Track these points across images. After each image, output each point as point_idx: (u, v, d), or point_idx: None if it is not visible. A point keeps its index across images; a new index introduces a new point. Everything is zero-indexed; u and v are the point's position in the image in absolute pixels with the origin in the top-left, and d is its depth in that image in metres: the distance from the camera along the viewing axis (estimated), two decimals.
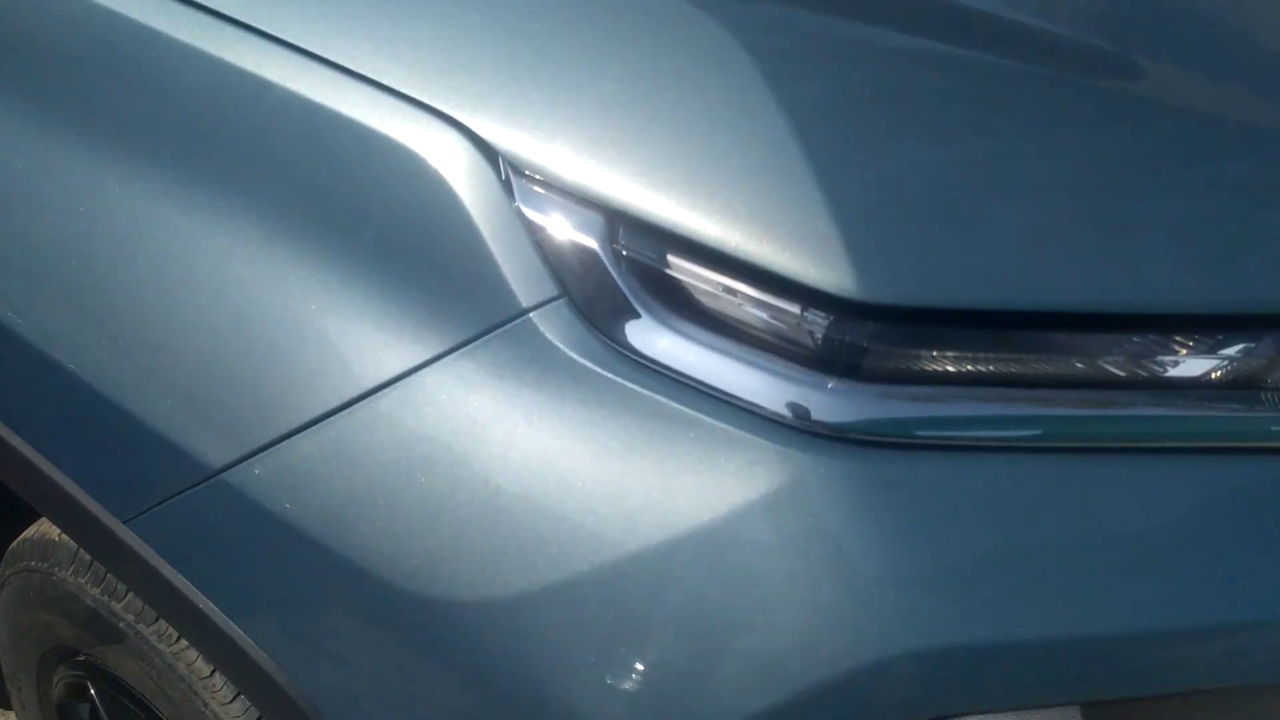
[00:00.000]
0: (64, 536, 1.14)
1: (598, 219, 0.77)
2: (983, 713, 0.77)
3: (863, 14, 0.89)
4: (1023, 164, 0.81)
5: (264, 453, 0.80)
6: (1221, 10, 1.07)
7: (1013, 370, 0.77)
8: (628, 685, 0.73)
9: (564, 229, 0.77)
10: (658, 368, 0.75)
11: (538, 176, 0.77)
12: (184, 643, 1.03)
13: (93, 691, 1.21)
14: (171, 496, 0.84)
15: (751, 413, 0.74)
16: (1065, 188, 0.80)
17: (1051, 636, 0.73)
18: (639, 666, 0.74)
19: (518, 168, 0.77)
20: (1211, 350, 0.79)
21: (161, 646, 1.05)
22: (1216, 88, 0.94)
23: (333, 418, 0.78)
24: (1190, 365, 0.79)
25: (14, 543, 1.23)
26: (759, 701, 0.72)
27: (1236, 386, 0.80)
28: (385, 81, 0.80)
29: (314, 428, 0.79)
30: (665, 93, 0.78)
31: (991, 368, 0.76)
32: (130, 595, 1.07)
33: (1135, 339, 0.78)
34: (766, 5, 0.88)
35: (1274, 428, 0.81)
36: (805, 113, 0.78)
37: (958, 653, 0.72)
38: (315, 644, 0.84)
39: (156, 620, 1.05)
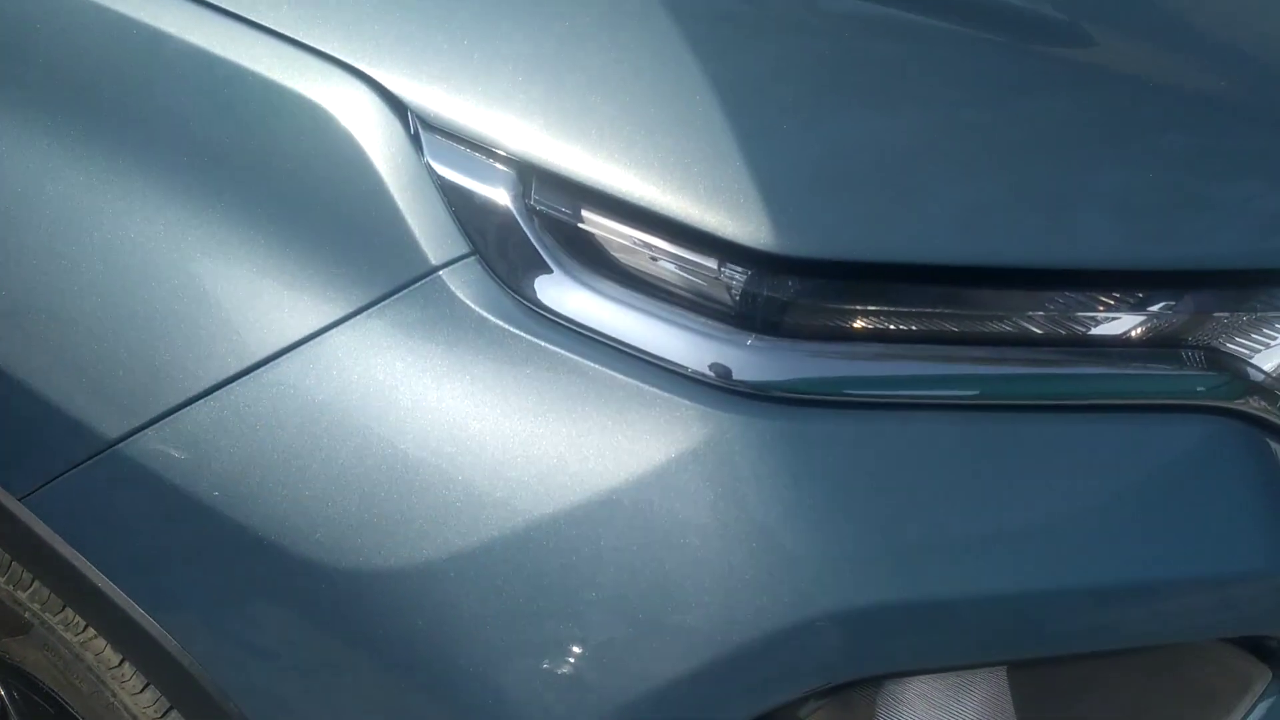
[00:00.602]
0: None
1: (509, 174, 0.74)
2: (909, 674, 0.75)
3: None
4: (958, 124, 0.79)
5: (162, 422, 0.77)
6: None
7: (936, 327, 0.75)
8: (542, 654, 0.71)
9: (475, 184, 0.75)
10: (572, 326, 0.73)
11: (447, 131, 0.75)
12: (91, 632, 0.99)
13: (0, 690, 1.16)
14: (66, 471, 0.80)
15: (669, 371, 0.72)
16: (999, 149, 0.78)
17: (974, 595, 0.72)
18: (553, 634, 0.71)
19: (427, 122, 0.75)
20: (1134, 308, 0.78)
21: (68, 636, 1.00)
22: (1163, 57, 0.94)
23: (234, 384, 0.75)
24: (1113, 323, 0.78)
25: None
26: (677, 666, 0.70)
27: (1159, 345, 0.79)
28: (288, 33, 0.77)
29: (214, 395, 0.75)
30: (581, 46, 0.76)
31: (914, 325, 0.75)
32: (36, 584, 1.02)
33: (1060, 296, 0.77)
34: None
35: (1198, 387, 0.80)
36: (727, 69, 0.76)
37: (880, 612, 0.71)
38: (221, 624, 0.80)
39: (63, 609, 1.01)
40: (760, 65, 0.78)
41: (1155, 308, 0.78)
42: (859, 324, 0.74)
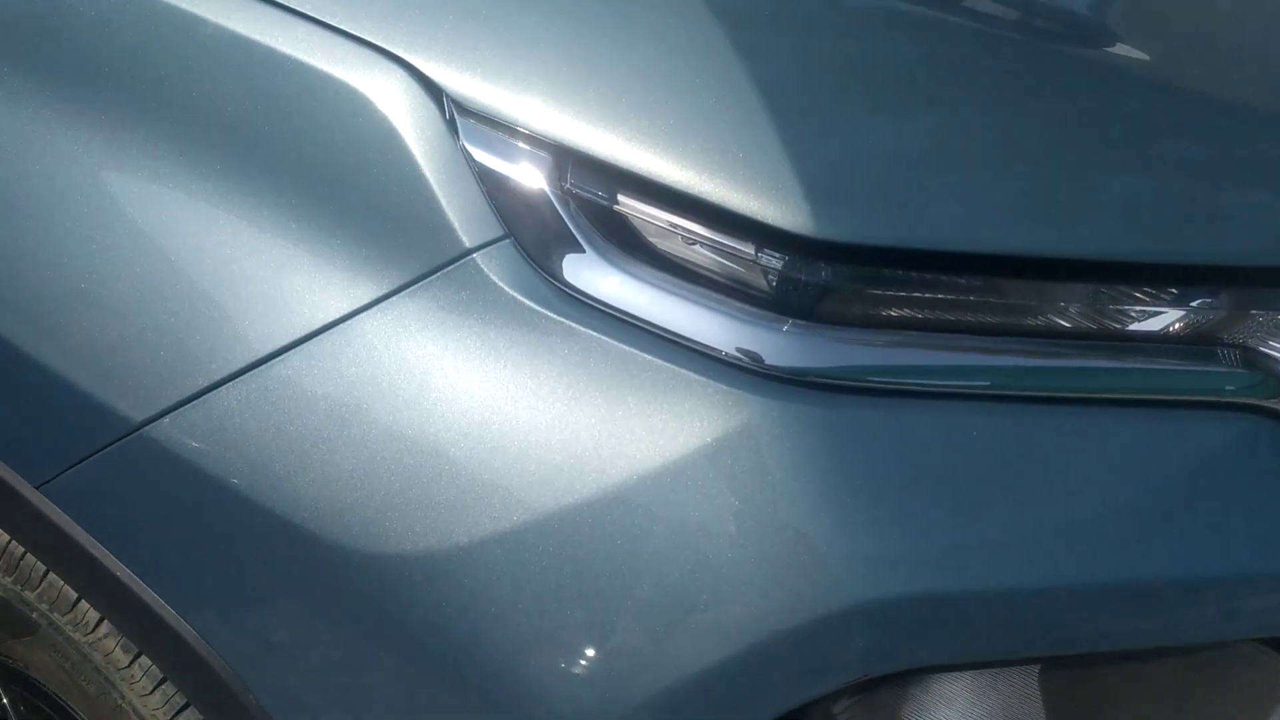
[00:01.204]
0: None
1: (545, 157, 0.74)
2: (942, 669, 0.74)
3: None
4: (989, 118, 0.80)
5: (189, 405, 0.76)
6: None
7: (972, 318, 0.75)
8: (574, 639, 0.70)
9: (510, 168, 0.74)
10: (606, 309, 0.72)
11: (483, 115, 0.75)
12: (100, 631, 0.97)
13: (1, 694, 1.14)
14: (88, 456, 0.79)
15: (704, 355, 0.72)
16: (1037, 140, 0.79)
17: (1006, 588, 0.71)
18: (585, 622, 0.70)
19: (462, 106, 0.75)
20: (1170, 303, 0.78)
21: (77, 636, 0.98)
22: (1194, 53, 0.95)
23: (264, 366, 0.74)
24: (1149, 318, 0.78)
25: None
26: (710, 655, 0.69)
27: (1195, 341, 0.79)
28: (325, 19, 0.77)
29: (244, 377, 0.75)
30: (617, 33, 0.76)
31: (951, 314, 0.75)
32: (44, 584, 1.00)
33: (1095, 289, 0.77)
34: None
35: (1229, 385, 0.80)
36: (763, 58, 0.76)
37: (914, 604, 0.70)
38: (243, 613, 0.79)
39: (72, 609, 0.99)
40: (796, 56, 0.79)
41: (1192, 304, 0.78)
42: (895, 311, 0.74)
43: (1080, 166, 0.79)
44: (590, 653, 0.70)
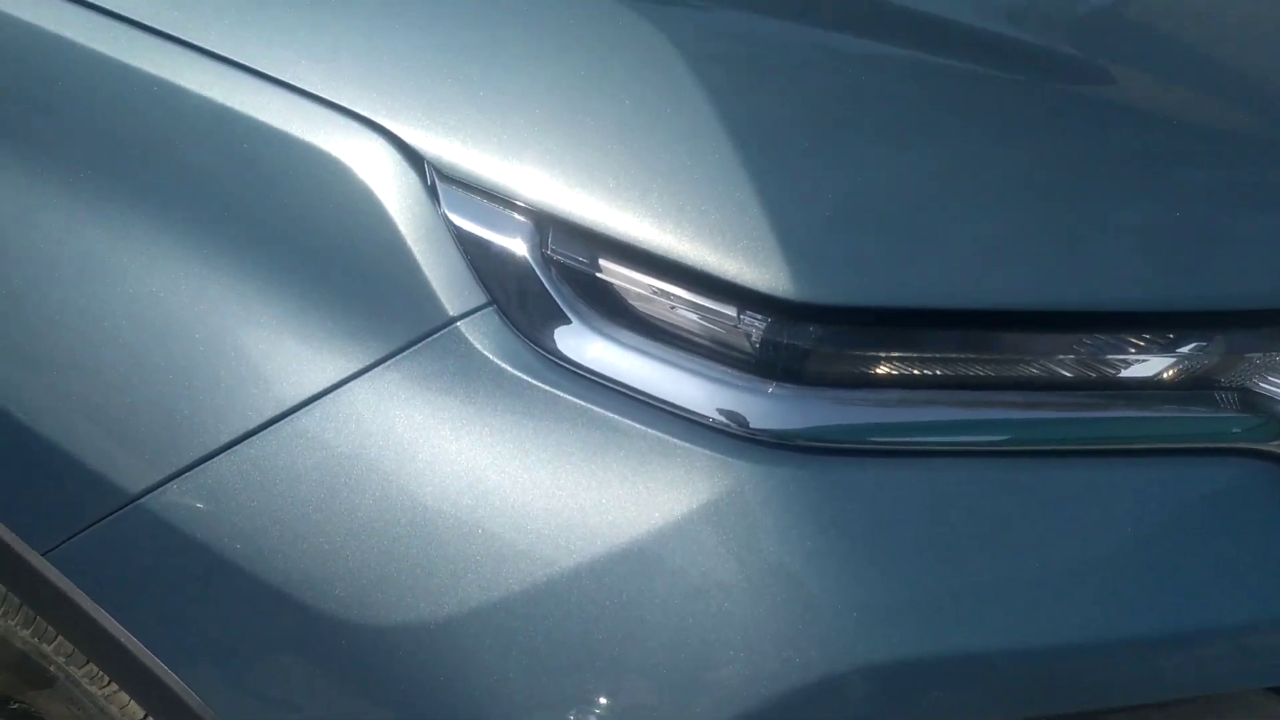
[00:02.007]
0: None
1: (526, 224, 0.74)
2: None
3: (819, 20, 0.88)
4: (978, 165, 0.78)
5: (183, 476, 0.76)
6: (1185, 19, 1.06)
7: (961, 372, 0.74)
8: (565, 710, 0.70)
9: (491, 234, 0.74)
10: (590, 375, 0.72)
11: (464, 181, 0.75)
12: (114, 686, 0.98)
13: None
14: (89, 525, 0.80)
15: (689, 420, 0.71)
16: (1021, 189, 0.77)
17: (1005, 648, 0.70)
18: (576, 690, 0.70)
19: (443, 173, 0.75)
20: (1164, 349, 0.77)
21: (93, 689, 1.00)
22: (1181, 93, 0.93)
23: (255, 437, 0.75)
24: (1143, 365, 0.77)
25: None
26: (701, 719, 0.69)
27: (1192, 386, 0.78)
28: (305, 87, 0.77)
29: (235, 448, 0.75)
30: (596, 96, 0.76)
31: (939, 370, 0.74)
32: (59, 639, 1.02)
33: (1088, 339, 0.75)
34: (713, 10, 0.86)
35: (1233, 429, 0.78)
36: (743, 115, 0.76)
37: (908, 667, 0.69)
38: (243, 678, 0.80)
39: (87, 663, 1.00)
40: (775, 110, 0.78)
41: (1186, 349, 0.77)
42: (882, 370, 0.73)
43: (1067, 215, 0.78)
44: None
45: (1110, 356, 0.76)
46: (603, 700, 0.70)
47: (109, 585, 0.82)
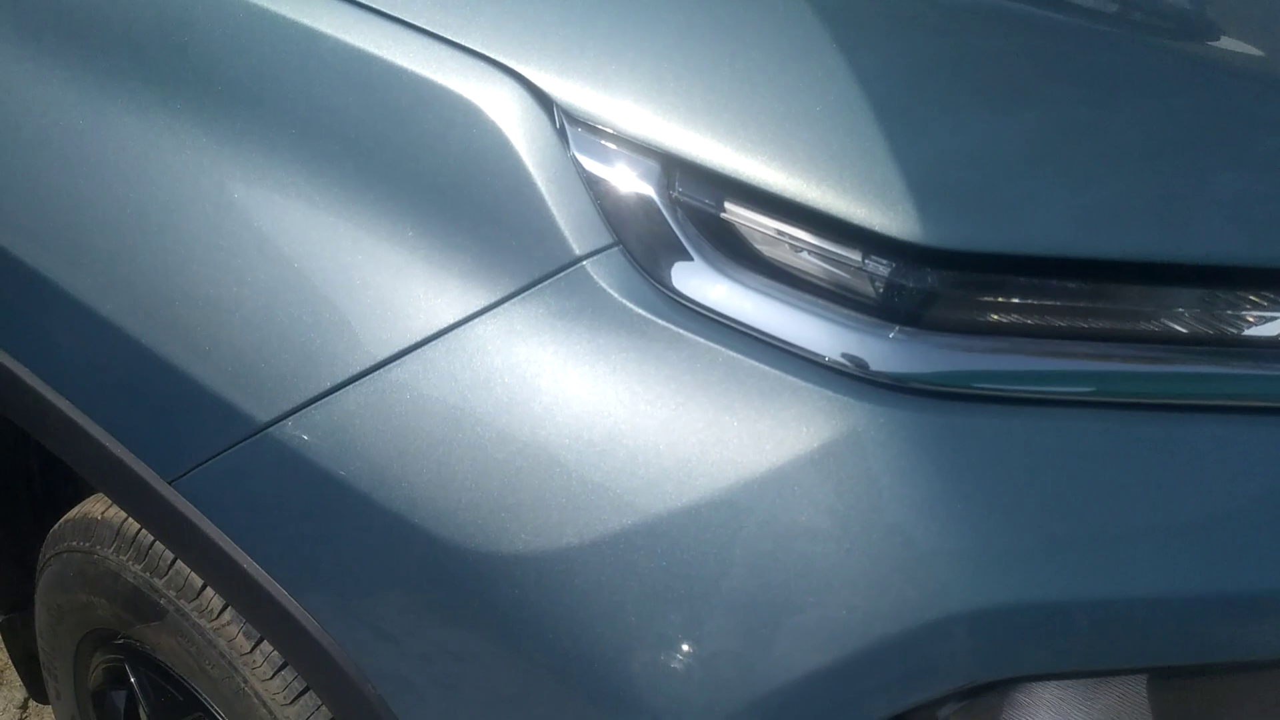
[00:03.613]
0: (106, 515, 1.14)
1: (654, 166, 0.75)
2: (1048, 677, 0.74)
3: None
4: (1097, 118, 0.78)
5: (311, 407, 0.79)
6: None
7: (1079, 323, 0.74)
8: (680, 640, 0.71)
9: (619, 176, 0.76)
10: (714, 315, 0.73)
11: (593, 124, 0.76)
12: (224, 618, 1.02)
13: (130, 675, 1.20)
14: (216, 454, 0.83)
15: (809, 361, 0.72)
16: (1141, 141, 0.77)
17: (1118, 597, 0.70)
18: (691, 623, 0.71)
19: (572, 116, 0.76)
20: None
21: (202, 622, 1.03)
22: None
23: (382, 369, 0.77)
24: (1263, 324, 0.76)
25: (56, 525, 1.23)
26: (814, 659, 0.70)
27: None
28: (439, 32, 0.79)
29: (362, 380, 0.78)
30: (723, 39, 0.77)
31: (1057, 319, 0.74)
32: (172, 571, 1.06)
33: (1207, 294, 0.75)
34: None
35: None
36: (870, 64, 0.76)
37: (1021, 611, 0.70)
38: (362, 606, 0.82)
39: (198, 595, 1.04)
40: (900, 61, 0.79)
41: None
42: (1004, 318, 0.73)
43: (1191, 167, 0.78)
44: (695, 654, 0.71)
45: (1230, 312, 0.76)
46: (717, 634, 0.71)
47: (234, 512, 0.85)
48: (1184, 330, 0.75)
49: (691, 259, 0.75)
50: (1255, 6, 0.97)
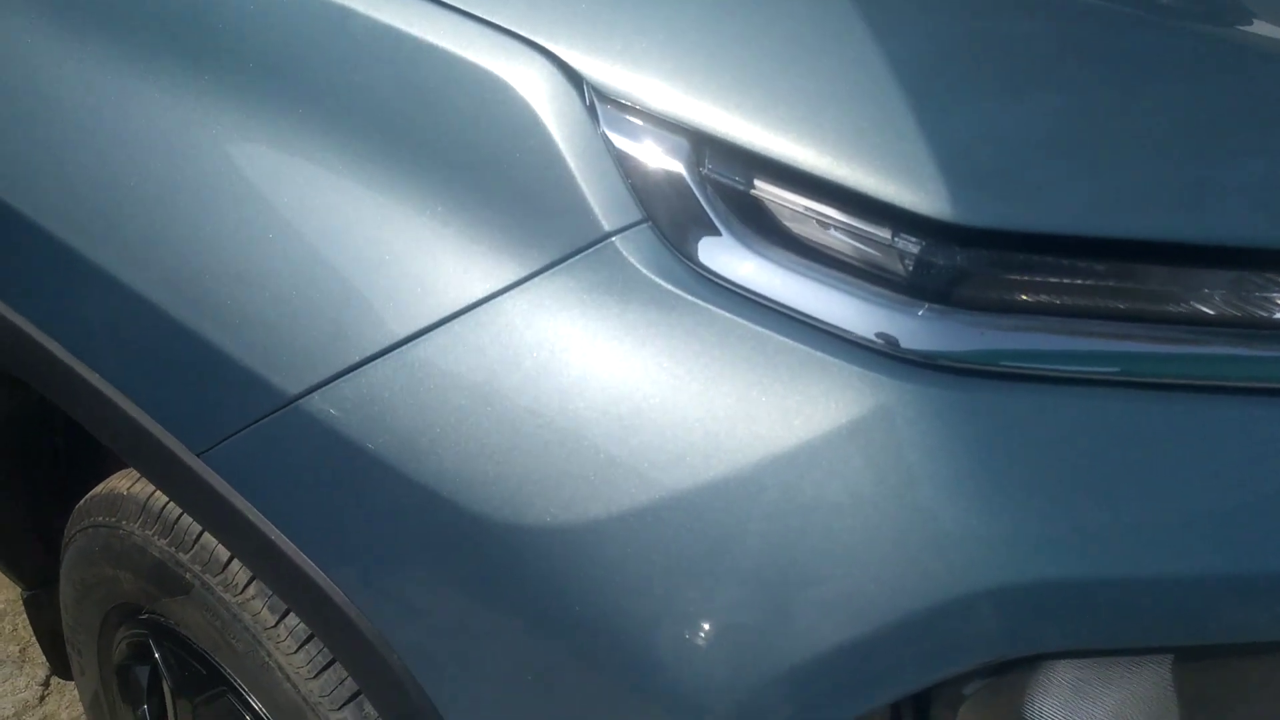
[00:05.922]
0: (132, 490, 1.15)
1: (683, 142, 0.76)
2: (1075, 655, 0.74)
3: None
4: (1129, 99, 0.78)
5: (340, 380, 0.79)
6: None
7: (1110, 303, 0.74)
8: (705, 614, 0.72)
9: (648, 153, 0.76)
10: (743, 291, 0.74)
11: (622, 101, 0.77)
12: (250, 592, 1.03)
13: (154, 649, 1.21)
14: (246, 427, 0.84)
15: (838, 338, 0.72)
16: (1172, 122, 0.77)
17: (1141, 575, 0.70)
18: (719, 597, 0.72)
19: (602, 93, 0.77)
20: None
21: (227, 596, 1.04)
22: None
23: (412, 343, 0.78)
24: None
25: (82, 500, 1.24)
26: (840, 634, 0.70)
27: None
28: (469, 9, 0.80)
29: (392, 353, 0.78)
30: (753, 17, 0.77)
31: (1088, 299, 0.74)
32: (197, 546, 1.07)
33: (1238, 275, 0.75)
34: None
35: None
36: (901, 43, 0.76)
37: (1048, 588, 0.70)
38: (388, 578, 0.83)
39: (223, 570, 1.05)
40: (930, 40, 0.79)
41: None
42: (1033, 296, 0.73)
43: (1221, 149, 0.77)
44: (721, 628, 0.72)
45: (1261, 294, 0.76)
46: (745, 607, 0.72)
47: (263, 484, 0.86)
48: (1212, 312, 0.75)
49: (720, 235, 0.75)
50: None
